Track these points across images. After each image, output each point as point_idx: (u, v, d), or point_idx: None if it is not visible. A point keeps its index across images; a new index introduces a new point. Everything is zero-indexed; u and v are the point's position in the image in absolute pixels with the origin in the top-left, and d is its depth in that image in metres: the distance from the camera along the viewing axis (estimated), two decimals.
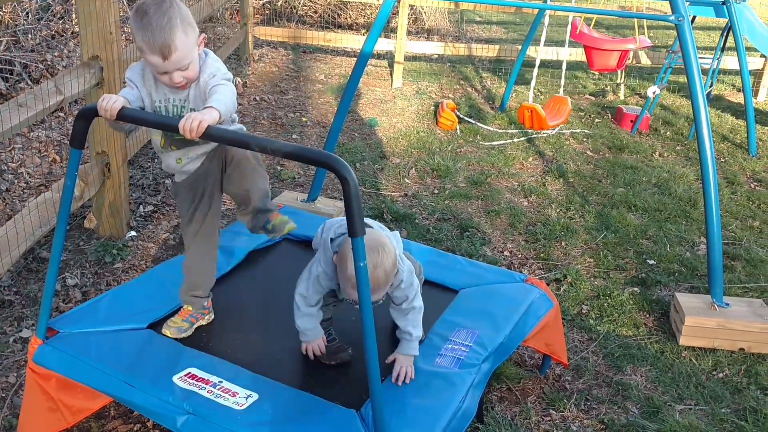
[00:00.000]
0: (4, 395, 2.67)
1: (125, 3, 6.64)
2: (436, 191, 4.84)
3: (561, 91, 5.74)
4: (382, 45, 7.60)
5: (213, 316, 2.57)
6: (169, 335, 2.41)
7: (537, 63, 5.48)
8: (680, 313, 3.28)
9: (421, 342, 2.45)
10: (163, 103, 2.20)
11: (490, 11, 11.25)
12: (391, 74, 7.54)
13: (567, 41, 5.46)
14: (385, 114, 6.45)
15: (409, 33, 8.58)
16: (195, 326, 2.49)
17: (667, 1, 3.44)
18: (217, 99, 2.01)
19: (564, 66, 5.61)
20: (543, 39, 5.47)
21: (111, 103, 1.99)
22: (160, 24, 1.99)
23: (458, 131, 6.06)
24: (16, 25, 5.40)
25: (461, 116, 6.29)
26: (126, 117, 2.01)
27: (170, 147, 2.28)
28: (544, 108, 5.67)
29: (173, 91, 2.19)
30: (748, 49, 6.36)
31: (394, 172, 5.09)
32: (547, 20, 5.41)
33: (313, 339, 2.34)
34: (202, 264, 2.49)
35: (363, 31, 9.44)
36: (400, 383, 2.22)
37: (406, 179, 5.00)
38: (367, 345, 1.84)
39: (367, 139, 5.74)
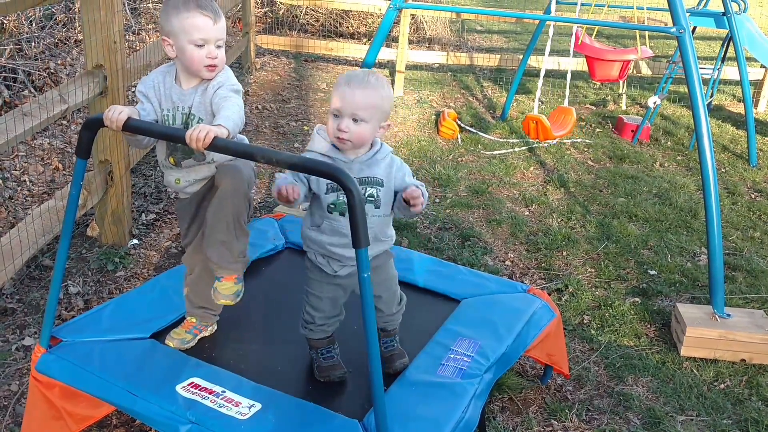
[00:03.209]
0: (6, 403, 2.67)
1: (128, 13, 6.67)
2: (437, 200, 4.85)
3: (566, 101, 5.76)
4: (384, 54, 7.63)
5: (216, 328, 2.57)
6: (172, 346, 2.41)
7: (542, 74, 5.49)
8: (681, 324, 3.29)
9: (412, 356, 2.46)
10: (171, 112, 2.22)
11: (491, 21, 11.31)
12: (393, 83, 7.56)
13: (571, 51, 5.48)
14: None
15: (410, 42, 8.61)
16: (198, 338, 2.49)
17: (667, 12, 3.47)
18: (226, 116, 2.03)
19: (569, 76, 5.63)
20: (548, 49, 5.48)
21: (117, 113, 2.00)
22: (208, 0, 2.17)
23: (459, 140, 6.07)
24: (20, 34, 5.43)
25: (462, 125, 6.31)
26: (132, 128, 2.02)
27: (169, 160, 2.28)
28: (549, 118, 5.68)
29: (181, 99, 2.22)
30: (749, 59, 6.39)
31: None
32: (552, 31, 5.42)
33: (284, 183, 2.10)
34: (200, 278, 2.49)
35: (365, 40, 9.48)
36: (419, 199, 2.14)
37: None
38: (370, 354, 1.84)
39: None
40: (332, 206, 2.17)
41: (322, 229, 2.21)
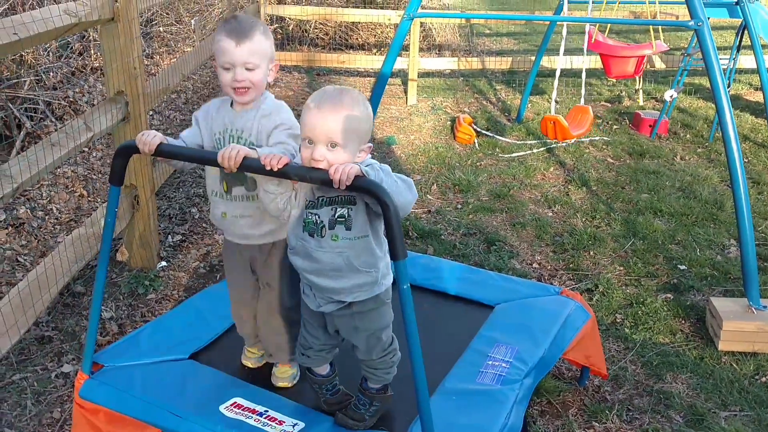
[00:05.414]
0: (50, 430, 2.70)
1: (143, 41, 6.75)
2: (459, 206, 4.85)
3: (582, 100, 5.72)
4: (396, 64, 7.64)
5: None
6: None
7: (557, 74, 5.44)
8: (717, 318, 3.25)
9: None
10: (222, 135, 2.19)
11: (499, 23, 11.30)
12: (406, 92, 7.58)
13: (585, 50, 5.46)
14: (402, 131, 6.49)
15: (420, 50, 8.63)
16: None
17: (679, 5, 3.45)
18: (267, 148, 2.03)
19: (584, 75, 5.59)
20: (562, 49, 5.45)
21: (150, 138, 2.02)
22: (246, 20, 2.13)
23: (476, 145, 6.07)
24: (38, 65, 5.52)
25: (479, 130, 6.30)
26: (164, 152, 2.05)
27: (222, 185, 2.21)
28: (566, 118, 5.65)
29: (232, 121, 2.17)
30: (764, 47, 6.33)
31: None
32: (565, 30, 5.39)
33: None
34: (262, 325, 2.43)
35: (375, 51, 9.52)
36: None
37: (428, 195, 5.02)
38: (413, 362, 1.84)
39: (386, 158, 5.77)
40: (304, 224, 1.96)
41: (297, 251, 2.00)
